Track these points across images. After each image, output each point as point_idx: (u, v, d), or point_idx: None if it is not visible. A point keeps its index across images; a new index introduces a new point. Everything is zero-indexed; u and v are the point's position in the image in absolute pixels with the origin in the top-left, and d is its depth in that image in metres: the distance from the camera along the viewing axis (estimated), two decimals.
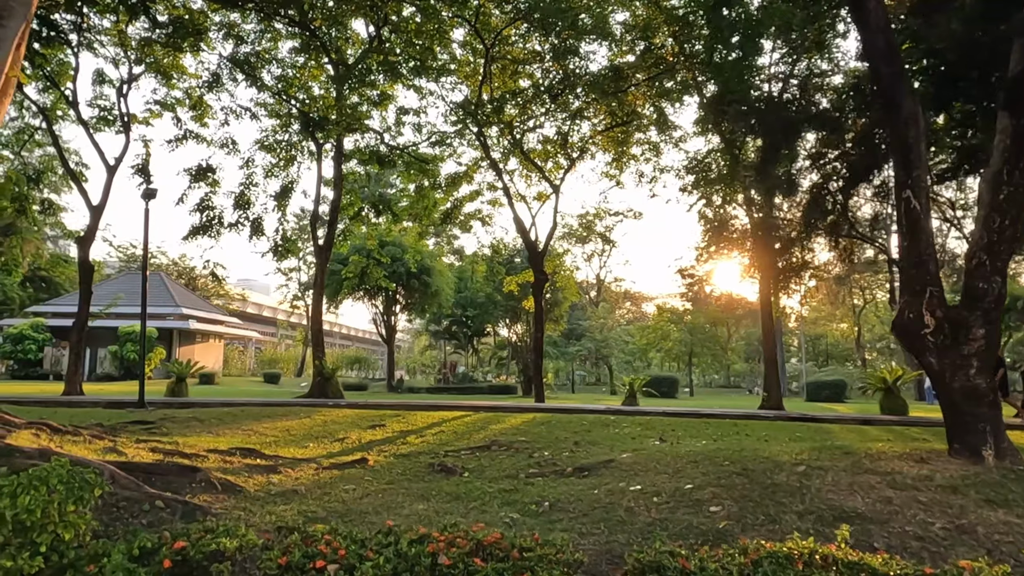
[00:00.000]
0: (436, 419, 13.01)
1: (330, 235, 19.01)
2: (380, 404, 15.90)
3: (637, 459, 8.45)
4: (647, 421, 13.25)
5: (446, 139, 20.98)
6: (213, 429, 10.99)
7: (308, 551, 3.60)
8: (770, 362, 18.44)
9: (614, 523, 6.02)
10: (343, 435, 11.07)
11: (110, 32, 19.28)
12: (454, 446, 10.50)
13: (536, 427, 12.33)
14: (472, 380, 36.64)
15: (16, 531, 3.29)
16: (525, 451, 10.00)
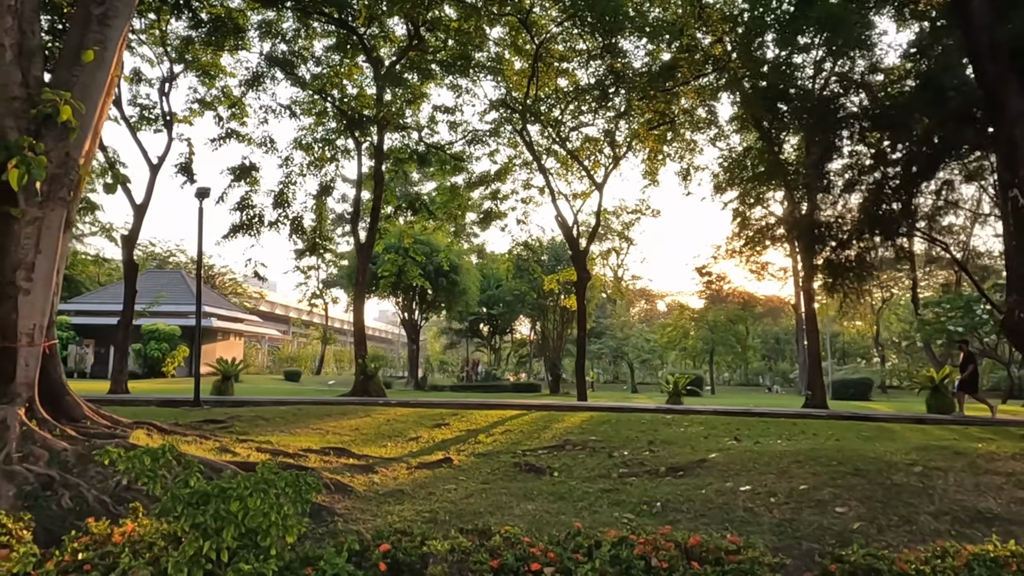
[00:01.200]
0: (495, 418, 12.99)
1: (371, 233, 19.01)
2: (430, 403, 15.89)
3: (729, 459, 8.42)
4: (705, 420, 13.21)
5: (482, 137, 20.98)
6: (284, 428, 11.00)
7: (519, 553, 3.58)
8: (814, 361, 18.38)
9: (738, 523, 5.98)
10: (413, 434, 11.07)
11: (150, 31, 19.31)
12: (527, 445, 10.49)
13: (599, 426, 12.30)
14: (495, 378, 36.64)
15: (245, 535, 3.29)
16: (602, 451, 9.97)
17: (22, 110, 6.60)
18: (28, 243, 6.55)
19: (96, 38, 7.05)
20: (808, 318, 18.54)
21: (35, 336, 6.42)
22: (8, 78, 6.50)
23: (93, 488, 5.28)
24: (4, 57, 6.46)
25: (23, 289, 6.47)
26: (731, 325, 42.56)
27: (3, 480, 5.16)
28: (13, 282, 6.49)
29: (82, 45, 7.03)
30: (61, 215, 6.73)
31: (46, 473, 5.32)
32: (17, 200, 6.58)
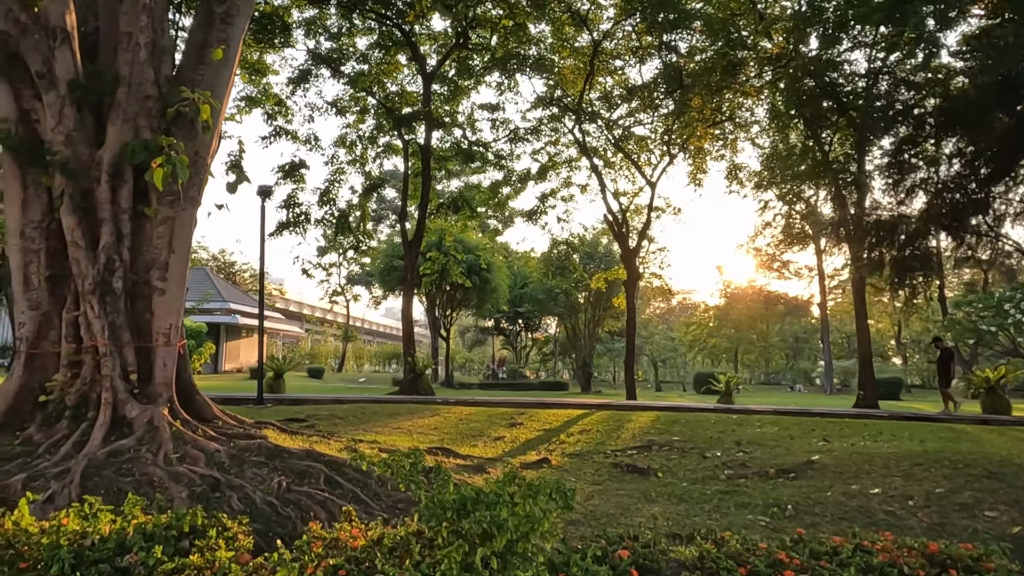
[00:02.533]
0: (563, 417, 12.93)
1: (419, 231, 18.97)
2: (488, 402, 15.86)
3: (836, 461, 8.37)
4: (775, 420, 13.14)
5: (524, 136, 20.91)
6: (365, 427, 10.99)
7: (770, 559, 3.53)
8: (865, 360, 18.28)
9: (885, 527, 5.91)
10: (495, 434, 11.04)
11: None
12: (613, 445, 10.45)
13: (672, 426, 12.24)
14: (522, 376, 36.62)
15: (512, 541, 3.25)
16: (692, 451, 9.92)
17: (155, 109, 6.58)
18: (161, 242, 6.54)
19: (220, 36, 7.03)
20: (859, 316, 18.42)
21: (171, 336, 6.40)
22: (142, 77, 6.47)
23: (258, 490, 5.25)
24: (139, 56, 6.43)
25: (158, 289, 6.46)
26: (754, 323, 42.42)
27: (171, 482, 5.14)
28: (148, 282, 6.48)
29: (206, 44, 7.00)
30: (192, 214, 6.71)
31: (210, 474, 5.30)
32: (150, 199, 6.56)
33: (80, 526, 3.61)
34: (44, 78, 6.12)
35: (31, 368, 6.19)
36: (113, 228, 6.25)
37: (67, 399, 5.95)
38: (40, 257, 6.29)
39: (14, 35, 6.09)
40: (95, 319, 5.99)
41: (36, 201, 6.34)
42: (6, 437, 5.84)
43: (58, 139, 6.14)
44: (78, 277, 6.10)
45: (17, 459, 5.40)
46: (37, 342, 6.24)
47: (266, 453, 5.97)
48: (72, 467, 5.13)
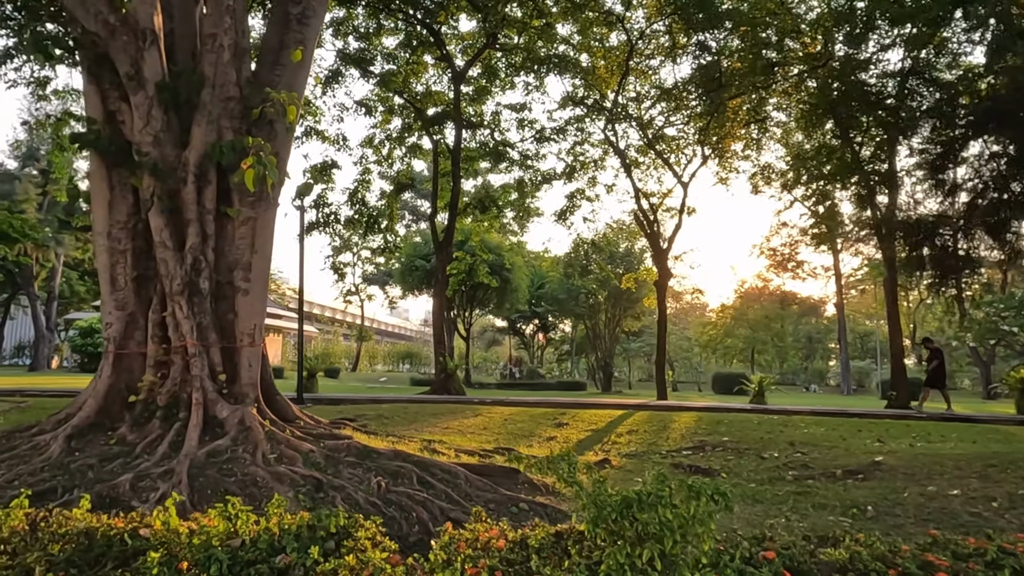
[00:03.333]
0: (605, 417, 12.90)
1: (449, 231, 18.98)
2: (526, 402, 15.85)
3: (902, 462, 8.33)
4: (817, 421, 13.10)
5: (550, 136, 20.90)
6: (413, 427, 10.99)
7: (917, 561, 3.52)
8: (897, 361, 18.21)
9: (974, 530, 5.88)
10: (545, 433, 11.04)
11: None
12: (667, 446, 10.44)
13: (717, 427, 12.21)
14: (540, 376, 36.60)
15: (676, 543, 3.25)
16: (747, 452, 9.90)
17: (237, 110, 6.60)
18: (243, 243, 6.55)
19: (296, 37, 7.04)
20: (890, 317, 18.35)
21: (256, 336, 6.42)
22: (226, 78, 6.49)
23: (359, 490, 5.26)
24: (222, 57, 6.45)
25: (241, 289, 6.48)
26: (770, 323, 42.33)
27: (275, 482, 5.15)
28: (231, 282, 6.49)
29: (282, 45, 7.02)
30: (273, 215, 6.73)
31: (311, 475, 5.31)
32: (232, 200, 6.58)
33: (224, 526, 3.62)
34: (132, 79, 6.14)
35: (118, 368, 6.23)
36: (199, 229, 6.27)
37: (158, 399, 5.96)
38: (127, 258, 6.32)
39: (103, 37, 6.11)
40: (184, 320, 6.01)
41: (122, 202, 6.37)
42: (99, 436, 5.86)
43: (146, 140, 6.16)
44: (166, 278, 6.12)
45: (117, 459, 5.42)
46: (124, 342, 6.27)
47: (356, 453, 5.98)
48: (175, 467, 5.14)
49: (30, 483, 4.97)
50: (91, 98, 6.37)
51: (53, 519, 3.63)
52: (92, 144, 6.13)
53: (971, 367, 51.55)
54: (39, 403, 12.80)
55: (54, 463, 5.25)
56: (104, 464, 5.33)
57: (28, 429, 6.06)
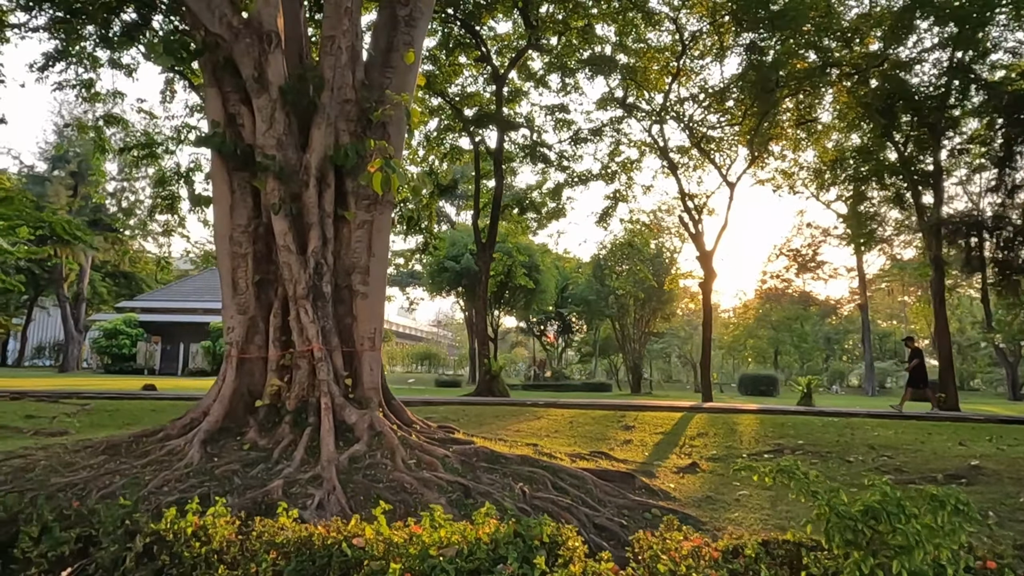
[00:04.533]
0: (666, 419, 12.81)
1: (492, 232, 18.92)
2: (577, 404, 15.75)
3: (1003, 467, 8.23)
4: (879, 423, 12.97)
5: (586, 138, 20.85)
6: (481, 430, 10.86)
7: None
8: (946, 362, 18.07)
9: None
10: (620, 436, 10.95)
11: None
12: (745, 449, 10.35)
13: (784, 429, 12.09)
14: (565, 377, 36.52)
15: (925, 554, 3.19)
16: (830, 456, 9.78)
17: (353, 113, 6.57)
18: (360, 246, 6.52)
19: (405, 39, 7.00)
20: (938, 318, 18.22)
21: (376, 340, 6.37)
22: (343, 80, 6.46)
23: (506, 496, 5.20)
24: (340, 59, 6.42)
25: (360, 293, 6.44)
26: (793, 324, 42.17)
27: (424, 488, 5.10)
28: (349, 286, 6.46)
29: (391, 47, 6.98)
30: (388, 217, 6.69)
31: (457, 480, 5.26)
32: (348, 203, 6.55)
33: (430, 536, 3.57)
34: (256, 82, 6.11)
35: (240, 372, 6.19)
36: (320, 232, 6.24)
37: (286, 404, 5.93)
38: (247, 261, 6.30)
39: (227, 39, 6.08)
40: (309, 324, 5.97)
41: (242, 205, 6.34)
42: (230, 441, 5.83)
43: (269, 143, 6.13)
44: (289, 281, 6.08)
45: (257, 464, 5.38)
46: (245, 346, 6.24)
47: (485, 458, 5.93)
48: (322, 473, 5.10)
49: (181, 489, 4.94)
50: (212, 101, 6.34)
51: (263, 528, 3.59)
52: (218, 147, 6.10)
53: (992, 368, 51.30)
54: (100, 405, 12.81)
55: (198, 468, 5.22)
56: (247, 469, 5.29)
57: (154, 434, 6.03)
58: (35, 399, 13.55)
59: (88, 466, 5.38)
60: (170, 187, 21.11)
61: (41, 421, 10.88)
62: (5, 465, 5.56)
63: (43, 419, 11.13)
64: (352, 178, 6.55)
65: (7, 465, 5.56)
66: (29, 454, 5.90)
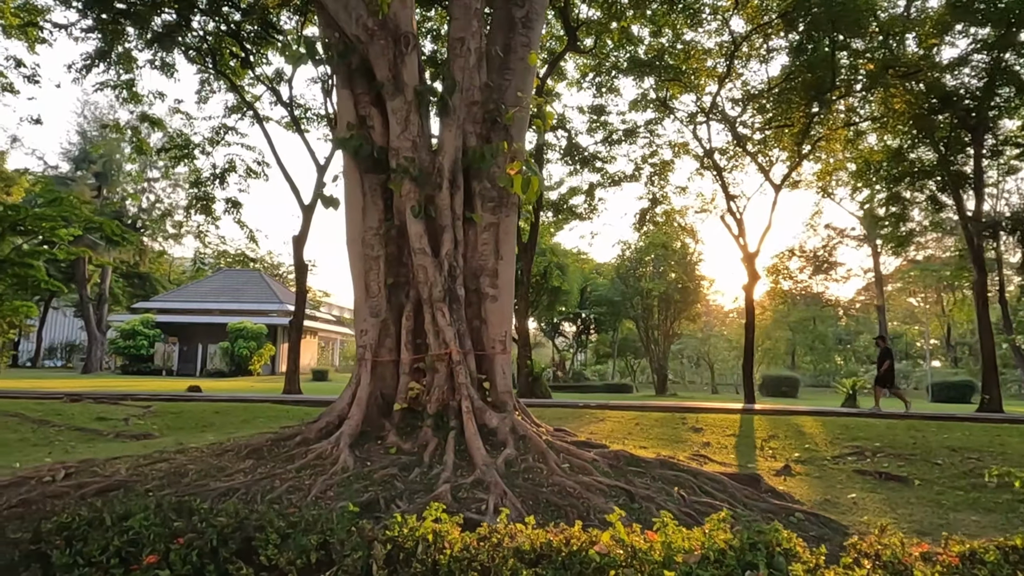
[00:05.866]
0: (724, 421, 12.78)
1: (533, 233, 18.90)
2: (630, 405, 15.75)
3: None
4: (940, 425, 12.97)
5: (623, 138, 20.85)
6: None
7: None
8: (990, 363, 18.10)
9: None
10: (695, 439, 10.90)
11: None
12: (824, 451, 10.31)
13: (852, 432, 12.03)
14: (584, 378, 36.52)
15: None
16: (914, 458, 9.74)
17: (479, 114, 6.56)
18: (486, 249, 6.49)
19: (522, 40, 6.98)
20: (980, 319, 18.26)
21: (506, 343, 6.35)
22: (471, 82, 6.44)
23: (668, 501, 5.18)
24: (468, 61, 6.39)
25: (489, 296, 6.42)
26: (807, 325, 42.21)
27: (587, 492, 5.07)
28: (478, 289, 6.43)
29: (509, 48, 6.95)
30: (514, 220, 6.66)
31: (616, 485, 5.23)
32: (473, 205, 6.52)
33: (672, 542, 3.53)
34: (390, 84, 6.08)
35: (374, 376, 6.16)
36: (452, 235, 6.21)
37: (427, 407, 5.89)
38: (379, 264, 6.27)
39: (363, 41, 6.05)
40: (447, 327, 5.94)
41: (373, 208, 6.32)
42: (371, 444, 5.80)
43: (405, 145, 6.10)
44: (424, 284, 6.05)
45: (411, 468, 5.34)
46: (378, 350, 6.20)
47: (626, 461, 5.90)
48: (484, 477, 5.07)
49: (348, 494, 4.89)
50: (344, 103, 6.31)
51: (499, 534, 3.55)
52: (355, 150, 6.07)
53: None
54: (161, 407, 12.73)
55: (356, 473, 5.18)
56: (404, 474, 5.26)
57: (291, 437, 5.99)
58: (94, 401, 13.47)
59: (240, 470, 5.34)
60: (205, 187, 21.13)
61: (114, 423, 10.82)
62: (153, 469, 5.52)
63: (114, 421, 11.07)
64: (478, 180, 6.53)
65: (155, 469, 5.51)
66: (170, 458, 5.86)
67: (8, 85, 19.04)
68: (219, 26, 18.33)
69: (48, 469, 5.82)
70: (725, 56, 16.32)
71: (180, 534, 3.40)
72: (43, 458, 7.60)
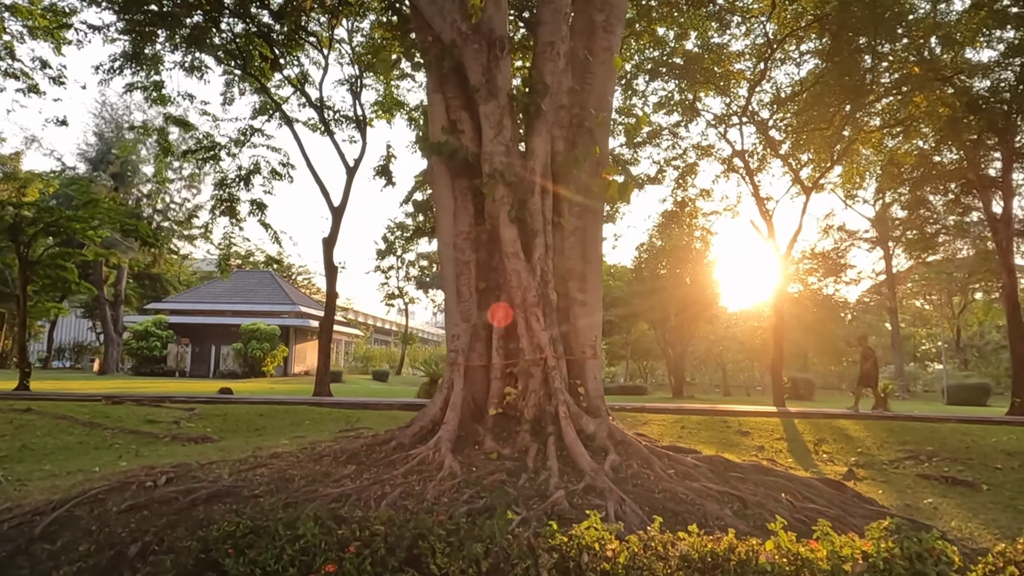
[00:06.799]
0: (767, 424, 12.77)
1: None
2: (665, 408, 15.72)
3: None
4: (983, 429, 12.97)
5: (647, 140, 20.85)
6: None
7: None
8: (1020, 366, 18.10)
9: None
10: (747, 442, 10.89)
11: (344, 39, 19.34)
12: (879, 455, 10.29)
13: (903, 435, 12.01)
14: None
15: None
16: (971, 462, 9.71)
17: (565, 119, 6.55)
18: (573, 253, 6.49)
19: (603, 44, 6.97)
20: (1011, 322, 18.26)
21: (596, 348, 6.33)
22: (559, 86, 6.43)
23: (779, 507, 5.16)
24: (558, 66, 6.39)
25: (578, 300, 6.41)
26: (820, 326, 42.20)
27: (701, 498, 5.06)
28: (566, 293, 6.43)
29: (590, 52, 6.94)
30: (600, 224, 6.66)
31: (726, 491, 5.22)
32: (560, 210, 6.51)
33: (830, 548, 3.52)
34: (483, 88, 6.07)
35: (467, 381, 6.14)
36: (543, 239, 6.20)
37: (524, 412, 5.87)
38: (470, 269, 6.25)
39: (458, 45, 6.05)
40: (541, 332, 5.92)
41: (464, 212, 6.30)
42: (469, 449, 5.78)
43: (498, 150, 6.08)
44: (517, 289, 6.03)
45: (517, 474, 5.32)
46: (469, 355, 6.19)
47: (722, 466, 5.89)
48: (595, 483, 5.05)
49: (463, 500, 4.87)
50: (436, 108, 6.30)
51: (659, 542, 3.54)
52: (451, 154, 6.06)
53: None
54: (204, 410, 12.67)
55: (465, 479, 5.16)
56: (512, 479, 5.24)
57: (386, 442, 5.98)
58: (135, 403, 13.43)
59: (345, 476, 5.31)
60: (230, 189, 21.10)
61: (165, 426, 10.78)
62: (255, 475, 5.49)
63: (163, 423, 11.04)
64: (564, 184, 6.52)
65: (257, 475, 5.49)
66: (266, 463, 5.83)
67: (33, 86, 19.03)
68: (249, 27, 18.30)
69: (145, 474, 5.80)
70: (759, 59, 16.31)
71: (345, 543, 3.38)
72: (114, 462, 7.57)
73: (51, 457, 8.23)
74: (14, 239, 15.60)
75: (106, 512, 5.13)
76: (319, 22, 18.60)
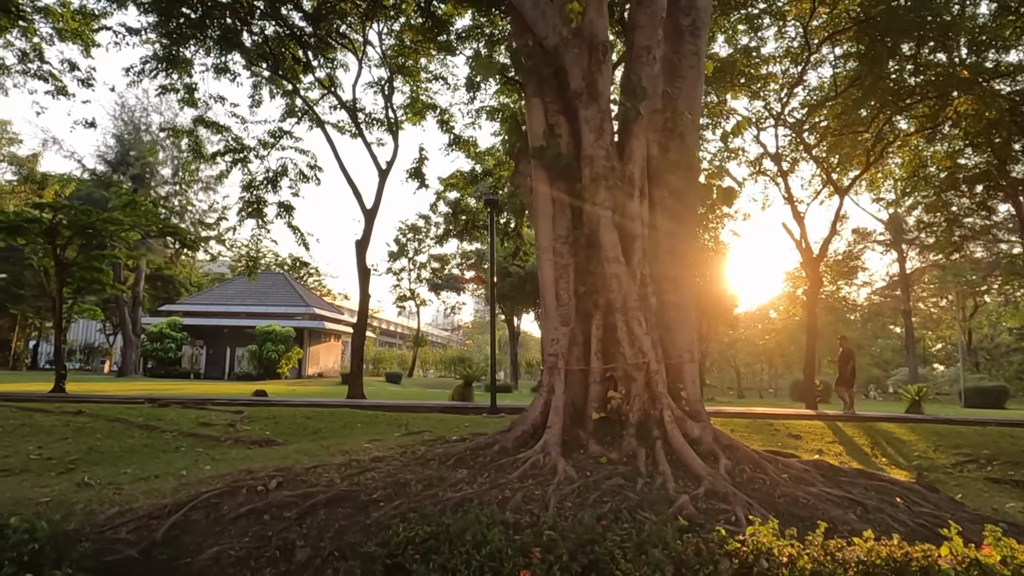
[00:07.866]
0: (818, 428, 12.79)
1: None
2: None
3: None
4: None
5: None
6: None
7: None
8: None
9: None
10: (802, 446, 10.88)
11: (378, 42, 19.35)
12: (937, 460, 10.30)
13: (952, 439, 11.94)
14: None
15: None
16: (1009, 463, 9.79)
17: (659, 122, 6.54)
18: (668, 257, 6.53)
19: (690, 48, 6.98)
20: None
21: (693, 351, 6.33)
22: (654, 90, 6.43)
23: (899, 513, 5.16)
24: (653, 69, 6.39)
25: (674, 304, 6.41)
26: (833, 329, 42.24)
27: (824, 503, 5.05)
28: (662, 297, 6.41)
29: (678, 56, 6.94)
30: (693, 228, 6.66)
31: (847, 496, 5.21)
32: (656, 213, 6.50)
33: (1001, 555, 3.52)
34: (583, 93, 6.08)
35: (567, 384, 6.14)
36: (642, 243, 6.20)
37: (629, 416, 5.87)
38: (569, 272, 6.25)
39: (560, 50, 6.05)
40: (643, 336, 5.92)
41: (562, 216, 6.31)
42: (574, 453, 5.78)
43: (599, 154, 6.09)
44: (617, 293, 6.03)
45: (632, 478, 5.30)
46: (568, 358, 6.19)
47: (826, 471, 5.89)
48: (716, 488, 5.05)
49: (588, 504, 4.86)
50: (535, 112, 6.30)
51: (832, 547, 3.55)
52: (553, 159, 6.06)
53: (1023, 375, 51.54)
54: (253, 413, 12.64)
55: (583, 484, 5.15)
56: (629, 484, 5.23)
57: (488, 446, 5.98)
58: (181, 406, 13.41)
59: (460, 480, 5.30)
60: (257, 191, 21.10)
61: (221, 428, 10.75)
62: (366, 479, 5.48)
63: (218, 426, 11.00)
64: (658, 188, 6.52)
65: (368, 479, 5.48)
66: (371, 467, 5.82)
67: (62, 88, 19.03)
68: (281, 30, 18.33)
69: (251, 478, 5.78)
70: (793, 62, 16.35)
71: (527, 548, 3.38)
72: (196, 466, 7.53)
73: (123, 460, 8.19)
74: (51, 241, 15.59)
75: (223, 516, 5.12)
76: (350, 24, 18.62)
